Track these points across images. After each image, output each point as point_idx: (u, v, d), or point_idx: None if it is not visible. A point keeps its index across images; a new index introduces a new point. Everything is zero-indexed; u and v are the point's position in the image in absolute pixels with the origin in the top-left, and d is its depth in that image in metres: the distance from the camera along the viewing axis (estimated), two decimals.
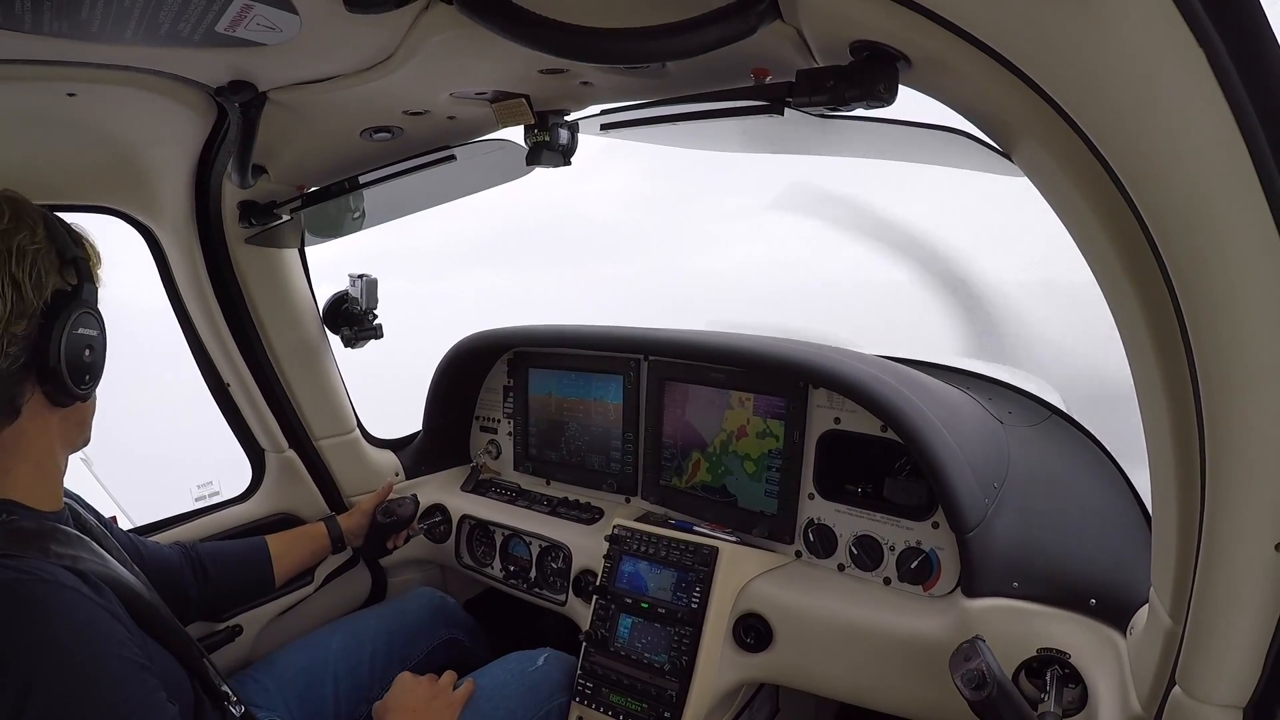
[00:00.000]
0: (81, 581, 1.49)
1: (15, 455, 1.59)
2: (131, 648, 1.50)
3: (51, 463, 1.68)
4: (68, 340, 1.54)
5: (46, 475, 1.67)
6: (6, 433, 1.55)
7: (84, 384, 1.62)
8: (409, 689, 2.26)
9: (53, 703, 1.35)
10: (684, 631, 2.39)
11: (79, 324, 1.57)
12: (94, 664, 1.42)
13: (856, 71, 1.26)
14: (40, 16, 1.26)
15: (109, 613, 1.50)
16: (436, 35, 1.46)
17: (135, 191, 2.30)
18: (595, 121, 1.88)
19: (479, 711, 2.34)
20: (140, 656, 1.50)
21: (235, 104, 1.84)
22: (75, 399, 1.62)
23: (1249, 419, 1.08)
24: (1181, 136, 0.93)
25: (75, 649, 1.40)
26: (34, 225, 1.54)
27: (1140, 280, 1.16)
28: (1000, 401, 2.78)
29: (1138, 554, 1.95)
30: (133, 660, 1.48)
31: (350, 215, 2.67)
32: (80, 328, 1.58)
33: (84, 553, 1.60)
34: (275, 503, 3.04)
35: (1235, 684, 1.31)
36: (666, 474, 2.86)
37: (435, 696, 2.25)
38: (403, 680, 2.29)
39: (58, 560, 1.51)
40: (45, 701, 1.34)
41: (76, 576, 1.49)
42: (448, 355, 3.30)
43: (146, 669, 1.50)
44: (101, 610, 1.48)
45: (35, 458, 1.63)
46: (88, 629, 1.44)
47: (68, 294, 1.57)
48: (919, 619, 2.15)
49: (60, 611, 1.42)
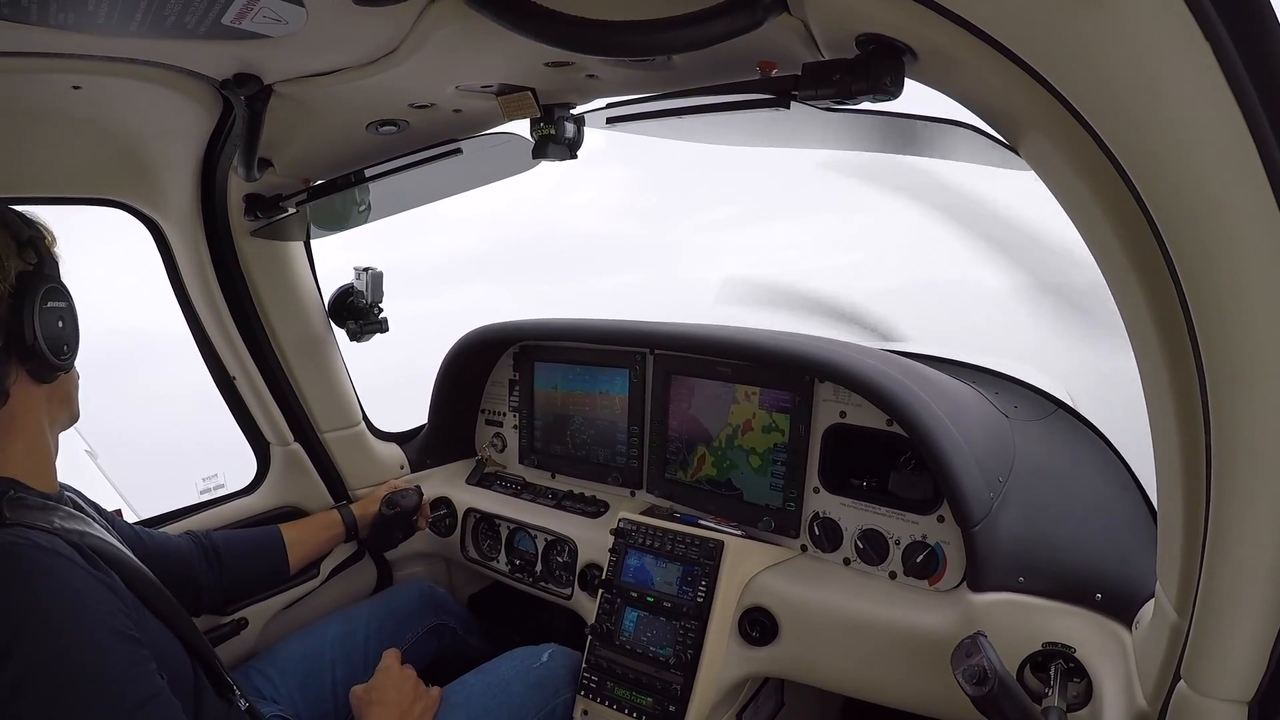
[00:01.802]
0: (78, 553, 1.52)
1: (8, 436, 1.63)
2: (123, 619, 1.51)
3: (43, 442, 1.72)
4: (40, 316, 1.59)
5: (40, 455, 1.71)
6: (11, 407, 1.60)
7: (63, 355, 1.67)
8: (394, 680, 2.27)
9: (33, 665, 1.37)
10: (689, 625, 2.39)
11: (47, 298, 1.62)
12: (78, 631, 1.43)
13: (863, 65, 1.26)
14: (46, 9, 1.26)
15: (104, 584, 1.52)
16: (443, 28, 1.46)
17: (141, 184, 2.30)
18: (601, 115, 1.88)
19: (485, 708, 2.36)
20: (130, 628, 1.52)
21: (241, 97, 1.84)
22: (58, 370, 1.67)
23: (1255, 413, 1.07)
24: (1187, 130, 0.92)
25: (60, 614, 1.43)
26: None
27: (1146, 274, 1.16)
28: (1006, 395, 2.77)
29: (1143, 549, 1.95)
30: (121, 631, 1.49)
31: (356, 208, 2.67)
32: (49, 301, 1.63)
33: (87, 529, 1.65)
34: (281, 495, 3.05)
35: (1240, 679, 1.31)
36: (672, 468, 2.86)
37: (419, 697, 2.26)
38: (389, 668, 2.31)
39: (62, 534, 1.54)
40: (25, 663, 1.36)
41: (74, 549, 1.52)
42: (453, 349, 3.30)
43: (136, 640, 1.51)
44: (94, 580, 1.51)
45: (28, 437, 1.67)
46: (75, 597, 1.46)
47: (30, 273, 1.61)
48: (924, 613, 2.15)
49: (51, 577, 1.45)
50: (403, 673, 2.30)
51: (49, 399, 1.71)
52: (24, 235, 1.63)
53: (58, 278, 1.69)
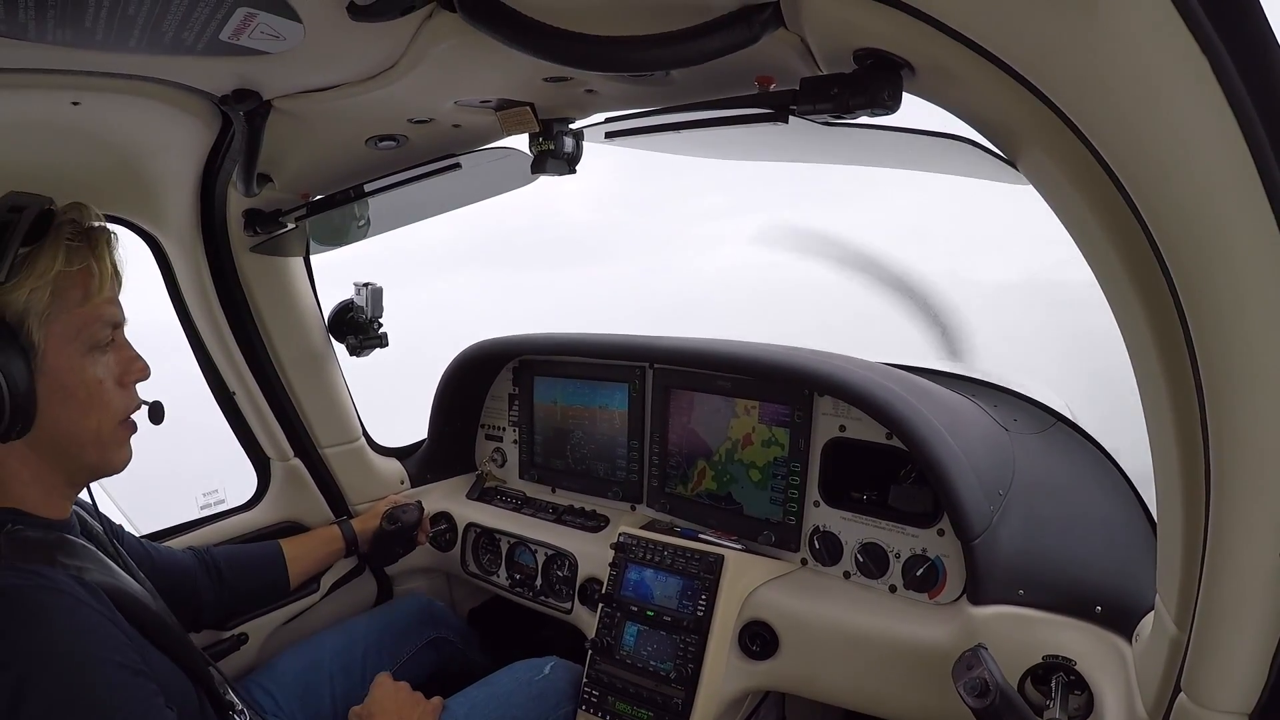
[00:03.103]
0: (83, 590, 1.48)
1: (8, 470, 1.58)
2: (130, 654, 1.49)
3: (51, 479, 1.64)
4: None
5: (49, 487, 1.64)
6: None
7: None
8: (389, 694, 2.27)
9: (49, 705, 1.35)
10: (690, 639, 2.39)
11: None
12: (90, 668, 1.42)
13: (860, 79, 1.26)
14: (44, 26, 1.26)
15: (108, 620, 1.49)
16: (440, 43, 1.46)
17: (140, 200, 2.30)
18: (600, 129, 1.88)
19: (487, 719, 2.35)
20: (139, 663, 1.50)
21: (240, 112, 1.84)
22: None
23: (1254, 425, 1.07)
24: (1186, 143, 0.92)
25: (73, 653, 1.40)
26: None
27: (1144, 286, 1.16)
28: (1005, 408, 2.78)
29: (1143, 561, 1.94)
30: (130, 666, 1.48)
31: (355, 223, 2.67)
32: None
33: (89, 563, 1.59)
34: (281, 511, 3.04)
35: (1240, 691, 1.30)
36: (672, 482, 2.85)
37: (417, 704, 2.26)
38: (382, 684, 2.31)
39: (64, 570, 1.50)
40: (41, 704, 1.34)
41: (79, 585, 1.48)
42: (453, 363, 3.30)
43: (144, 674, 1.50)
44: (101, 617, 1.48)
45: (30, 474, 1.60)
46: (86, 635, 1.44)
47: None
48: (925, 627, 2.15)
49: (60, 617, 1.42)
50: (397, 685, 2.30)
51: (32, 447, 1.59)
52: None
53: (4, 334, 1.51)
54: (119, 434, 1.70)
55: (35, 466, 1.60)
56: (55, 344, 1.56)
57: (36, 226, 1.54)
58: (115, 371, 1.67)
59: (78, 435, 1.62)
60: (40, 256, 1.54)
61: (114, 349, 1.68)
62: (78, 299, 1.59)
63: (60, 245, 1.57)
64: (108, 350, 1.66)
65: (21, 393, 1.50)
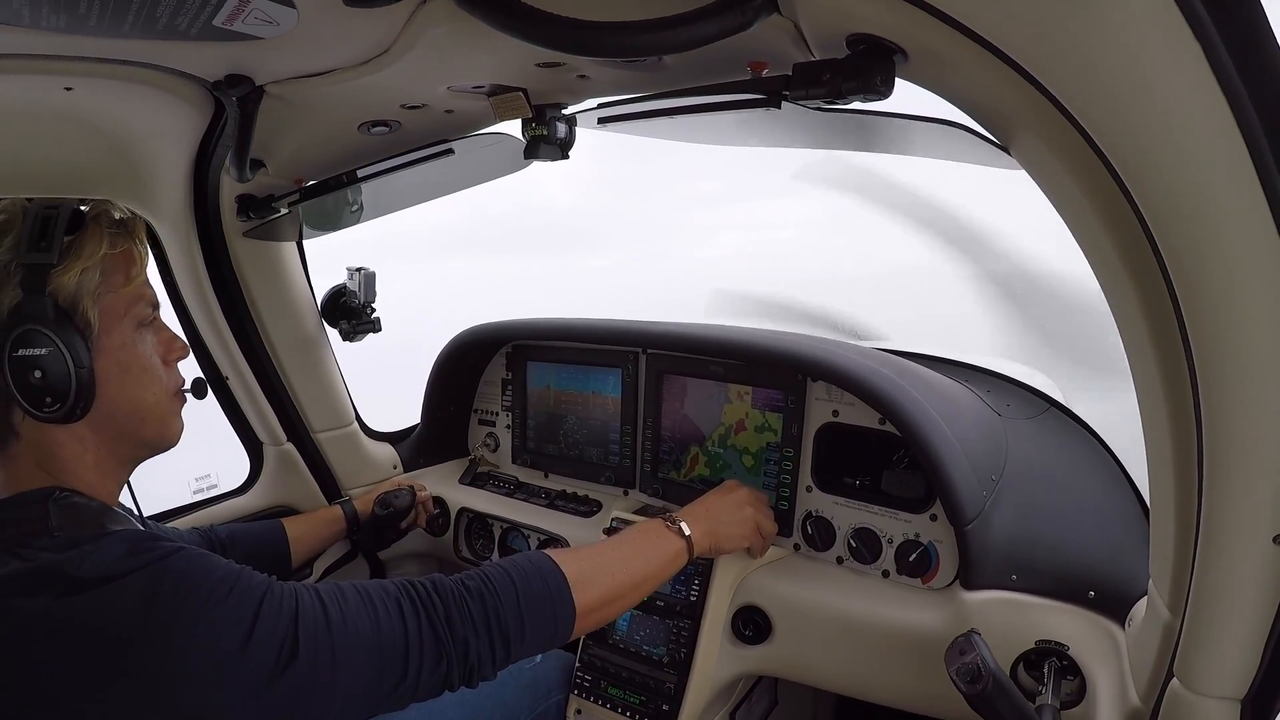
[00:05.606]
0: None
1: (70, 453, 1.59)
2: None
3: (108, 461, 1.66)
4: (11, 363, 1.49)
5: (106, 470, 1.65)
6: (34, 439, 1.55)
7: (46, 407, 1.50)
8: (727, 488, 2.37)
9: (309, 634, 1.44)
10: (682, 624, 2.40)
11: (20, 344, 1.49)
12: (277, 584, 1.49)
13: (853, 65, 1.26)
14: (38, 11, 1.25)
15: None
16: (434, 28, 1.45)
17: (133, 185, 2.29)
18: (592, 115, 1.88)
19: (478, 708, 2.35)
20: None
21: (233, 98, 1.83)
22: (49, 420, 1.53)
23: (1247, 411, 1.08)
24: (1179, 130, 0.93)
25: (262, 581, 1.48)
26: None
27: (1138, 273, 1.17)
28: (998, 394, 2.78)
29: (1136, 546, 1.95)
30: None
31: (348, 208, 2.67)
32: (21, 348, 1.49)
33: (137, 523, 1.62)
34: (273, 495, 3.05)
35: (1233, 676, 1.32)
36: (665, 467, 2.86)
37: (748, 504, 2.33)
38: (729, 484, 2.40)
39: None
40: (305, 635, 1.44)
41: None
42: (446, 348, 3.30)
43: None
44: None
45: (91, 457, 1.62)
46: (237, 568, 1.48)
47: (15, 309, 1.51)
48: (918, 612, 2.16)
49: (206, 558, 1.46)
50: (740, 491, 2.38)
51: (77, 433, 1.59)
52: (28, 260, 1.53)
53: (44, 317, 1.52)
54: (174, 404, 1.77)
55: (96, 449, 1.62)
56: (108, 322, 1.62)
57: (75, 218, 1.61)
58: (160, 350, 1.74)
59: (137, 409, 1.66)
60: (86, 241, 1.61)
61: (154, 329, 1.74)
62: (121, 281, 1.65)
63: (102, 230, 1.64)
64: (150, 329, 1.72)
65: (85, 370, 1.54)
